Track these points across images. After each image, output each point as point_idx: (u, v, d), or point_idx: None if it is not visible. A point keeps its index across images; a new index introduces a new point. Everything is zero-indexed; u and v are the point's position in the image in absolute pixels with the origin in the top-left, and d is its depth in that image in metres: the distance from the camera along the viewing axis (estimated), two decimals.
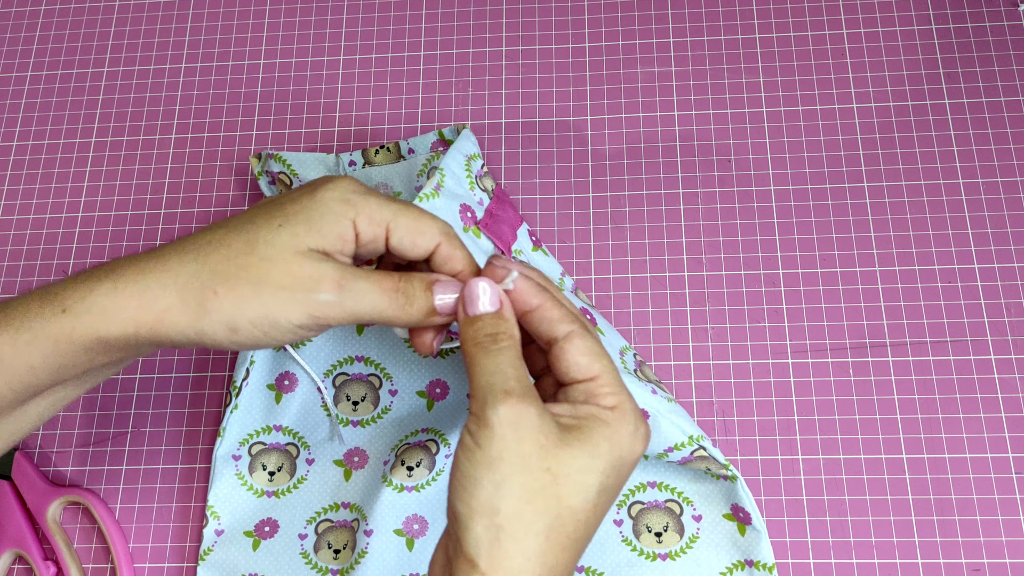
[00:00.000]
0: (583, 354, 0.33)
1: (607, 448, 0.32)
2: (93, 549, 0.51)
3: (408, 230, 0.36)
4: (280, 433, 0.51)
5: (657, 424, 0.45)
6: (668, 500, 0.48)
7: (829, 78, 0.56)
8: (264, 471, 0.50)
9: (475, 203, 0.48)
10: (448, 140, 0.54)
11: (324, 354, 0.52)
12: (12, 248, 0.58)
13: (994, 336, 0.50)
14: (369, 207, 0.35)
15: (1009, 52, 0.56)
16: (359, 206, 0.35)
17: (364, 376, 0.52)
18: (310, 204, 0.35)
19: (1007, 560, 0.46)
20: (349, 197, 0.35)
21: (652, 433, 0.44)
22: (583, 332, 0.34)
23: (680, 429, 0.45)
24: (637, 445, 0.33)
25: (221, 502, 0.50)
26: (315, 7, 0.62)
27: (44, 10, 0.64)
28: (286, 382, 0.52)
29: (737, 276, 0.53)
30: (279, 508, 0.50)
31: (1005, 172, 0.53)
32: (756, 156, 0.55)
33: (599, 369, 0.33)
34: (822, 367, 0.51)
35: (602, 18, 0.60)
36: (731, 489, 0.47)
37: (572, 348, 0.33)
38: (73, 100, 0.61)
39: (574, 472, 0.31)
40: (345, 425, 0.51)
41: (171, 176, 0.59)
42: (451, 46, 0.60)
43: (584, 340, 0.34)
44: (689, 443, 0.45)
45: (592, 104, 0.57)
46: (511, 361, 0.33)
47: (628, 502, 0.48)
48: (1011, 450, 0.48)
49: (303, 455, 0.51)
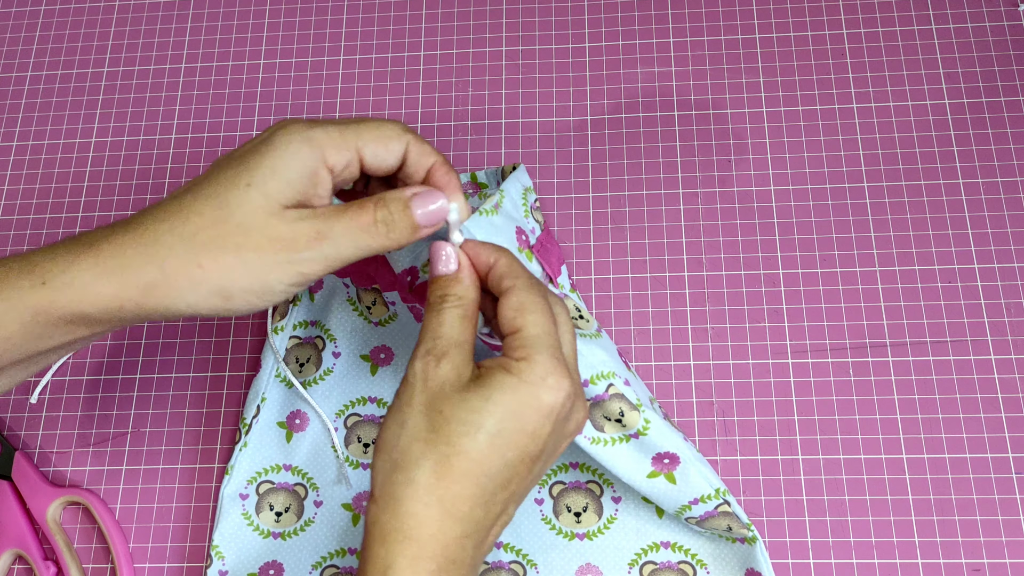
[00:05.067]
0: (511, 308, 0.35)
1: (502, 394, 0.33)
2: (93, 549, 0.51)
3: (378, 143, 0.36)
4: (289, 473, 0.50)
5: (686, 472, 0.44)
6: (681, 562, 0.47)
7: (829, 78, 0.56)
8: (271, 511, 0.49)
9: (528, 230, 0.48)
10: (481, 183, 0.53)
11: (336, 394, 0.51)
12: (12, 248, 0.58)
13: (994, 336, 0.50)
14: (331, 137, 0.35)
15: (1009, 52, 0.56)
16: (321, 140, 0.34)
17: (376, 418, 0.51)
18: (271, 152, 0.34)
19: (1007, 560, 0.46)
20: (309, 135, 0.34)
21: (681, 481, 0.44)
22: (520, 288, 0.35)
23: (708, 482, 0.44)
24: (545, 395, 0.33)
25: (226, 542, 0.49)
26: (315, 7, 0.62)
27: (44, 10, 0.64)
28: (297, 420, 0.51)
29: (737, 276, 0.53)
30: (285, 551, 0.49)
31: (1005, 172, 0.53)
32: (756, 156, 0.55)
33: (520, 323, 0.34)
34: (822, 367, 0.51)
35: (602, 18, 0.60)
36: (748, 553, 0.46)
37: (505, 303, 0.35)
38: (73, 100, 0.61)
39: (464, 413, 0.33)
40: (355, 467, 0.50)
41: (171, 176, 0.59)
42: (451, 46, 0.60)
43: (518, 295, 0.35)
44: (715, 496, 0.44)
45: (592, 104, 0.57)
46: (449, 321, 0.35)
47: (640, 562, 0.47)
48: (1011, 450, 0.48)
49: (311, 496, 0.50)
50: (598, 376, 0.43)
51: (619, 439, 0.44)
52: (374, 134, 0.35)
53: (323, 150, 0.34)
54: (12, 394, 0.54)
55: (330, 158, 0.34)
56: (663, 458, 0.44)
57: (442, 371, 0.34)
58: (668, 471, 0.44)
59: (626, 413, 0.43)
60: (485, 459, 0.33)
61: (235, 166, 0.34)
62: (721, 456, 0.49)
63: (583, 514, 0.48)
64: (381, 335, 0.52)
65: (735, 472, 0.49)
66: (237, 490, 0.49)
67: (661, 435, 0.44)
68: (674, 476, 0.44)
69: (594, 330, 0.46)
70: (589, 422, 0.44)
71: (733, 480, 0.49)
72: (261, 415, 0.50)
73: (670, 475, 0.44)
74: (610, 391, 0.43)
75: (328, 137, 0.34)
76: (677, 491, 0.44)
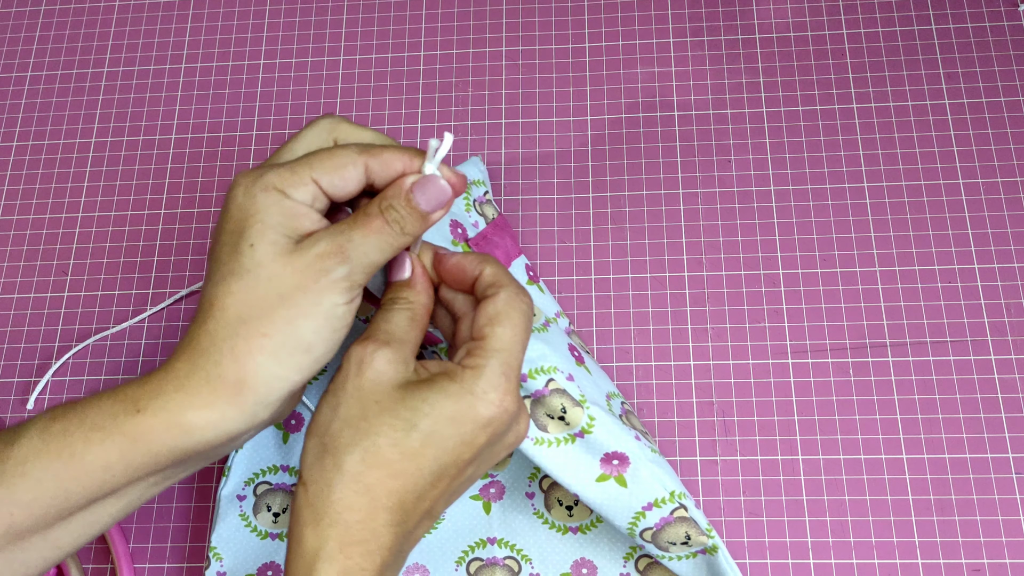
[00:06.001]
0: (485, 315, 0.35)
1: (442, 398, 0.33)
2: (93, 549, 0.51)
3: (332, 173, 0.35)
4: (286, 473, 0.50)
5: (637, 473, 0.42)
6: None
7: (829, 78, 0.56)
8: (269, 512, 0.49)
9: (469, 223, 0.48)
10: None
11: None
12: (12, 248, 0.58)
13: (994, 336, 0.50)
14: (283, 177, 0.34)
15: (1009, 52, 0.56)
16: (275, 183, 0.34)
17: None
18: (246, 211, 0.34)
19: (1007, 560, 0.46)
20: (264, 183, 0.34)
21: (632, 483, 0.42)
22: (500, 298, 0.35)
23: (661, 483, 0.42)
24: (483, 408, 0.33)
25: (224, 543, 0.49)
26: (315, 7, 0.62)
27: (44, 10, 0.64)
28: (293, 421, 0.51)
29: (737, 276, 0.53)
30: (283, 551, 0.49)
31: (1005, 172, 0.53)
32: (756, 156, 0.55)
33: (487, 333, 0.34)
34: (822, 367, 0.51)
35: (602, 18, 0.60)
36: (713, 564, 0.44)
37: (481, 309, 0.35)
38: (73, 100, 0.61)
39: (401, 409, 0.33)
40: None
41: (171, 176, 0.59)
42: (451, 46, 0.60)
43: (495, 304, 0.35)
44: (670, 499, 0.42)
45: (592, 104, 0.57)
46: (396, 319, 0.35)
47: (635, 556, 0.47)
48: (1011, 450, 0.48)
49: None
50: (537, 371, 0.41)
51: (564, 439, 0.42)
52: (326, 165, 0.35)
53: (282, 190, 0.34)
54: (12, 394, 0.54)
55: (292, 195, 0.34)
56: (612, 458, 0.42)
57: (380, 360, 0.34)
58: (618, 473, 0.42)
59: (568, 410, 0.41)
60: (415, 456, 0.33)
61: (228, 242, 0.34)
62: (721, 456, 0.49)
63: (574, 508, 0.48)
64: None
65: (735, 472, 0.49)
66: (234, 491, 0.49)
67: (608, 433, 0.42)
68: (624, 479, 0.42)
69: (540, 323, 0.44)
70: (532, 422, 0.42)
71: (733, 480, 0.49)
72: None
73: (620, 478, 0.42)
74: (550, 386, 0.41)
75: (279, 178, 0.34)
76: (629, 495, 0.42)
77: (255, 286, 0.33)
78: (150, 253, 0.57)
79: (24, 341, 0.55)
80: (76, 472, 0.33)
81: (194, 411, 0.33)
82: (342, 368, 0.34)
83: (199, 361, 0.33)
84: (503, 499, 0.49)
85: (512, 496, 0.49)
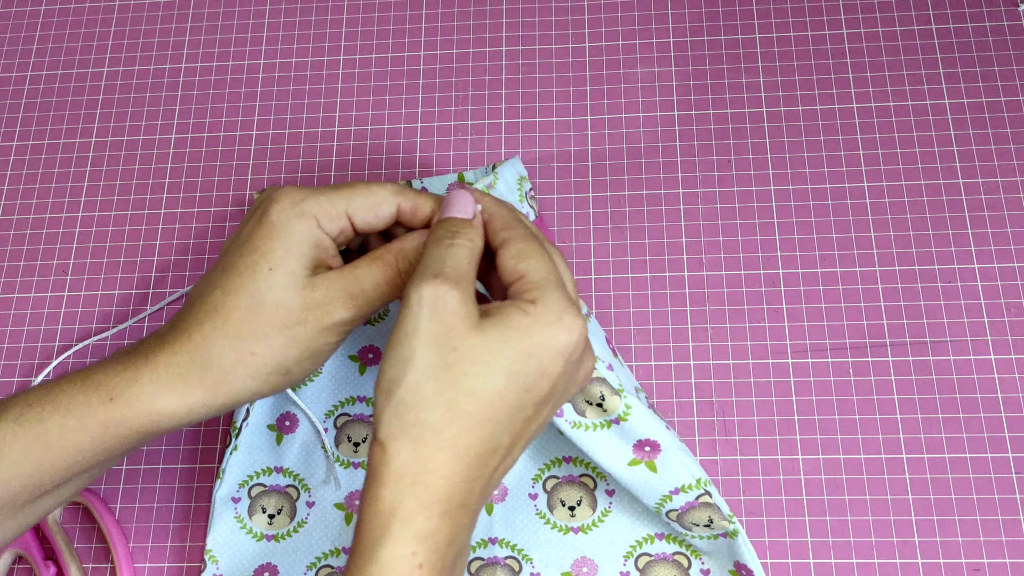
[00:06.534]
0: (512, 256, 0.34)
1: (518, 335, 0.32)
2: (93, 549, 0.51)
3: (367, 208, 0.37)
4: (281, 475, 0.50)
5: (667, 460, 0.44)
6: (676, 553, 0.47)
7: (829, 78, 0.56)
8: (264, 514, 0.49)
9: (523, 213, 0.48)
10: (469, 183, 0.53)
11: (326, 394, 0.51)
12: (12, 248, 0.58)
13: (994, 336, 0.50)
14: (322, 206, 0.36)
15: (1009, 52, 0.56)
16: (313, 210, 0.36)
17: (366, 417, 0.51)
18: (276, 233, 0.35)
19: (1007, 560, 0.46)
20: (302, 208, 0.36)
21: (662, 469, 0.44)
22: (518, 237, 0.35)
23: (689, 471, 0.44)
24: (561, 335, 0.33)
25: (220, 546, 0.49)
26: (315, 7, 0.62)
27: (44, 10, 0.64)
28: (287, 423, 0.51)
29: (737, 276, 0.53)
30: (279, 553, 0.49)
31: (1005, 172, 0.53)
32: (756, 156, 0.55)
33: (524, 268, 0.34)
34: (822, 367, 0.51)
35: (602, 18, 0.60)
36: (733, 546, 0.46)
37: (504, 253, 0.35)
38: (73, 100, 0.61)
39: (480, 352, 0.32)
40: (346, 467, 0.50)
41: (171, 176, 0.59)
42: (451, 46, 0.60)
43: (516, 244, 0.35)
44: (696, 486, 0.44)
45: (592, 104, 0.57)
46: (457, 254, 0.34)
47: (635, 554, 0.47)
48: (1011, 450, 0.48)
49: (303, 497, 0.50)
50: None
51: (600, 424, 0.44)
52: (362, 202, 0.36)
53: (317, 219, 0.36)
54: None
55: (325, 226, 0.36)
56: (644, 445, 0.44)
57: (452, 301, 0.32)
58: (649, 459, 0.44)
59: (607, 397, 0.43)
60: (498, 401, 0.32)
61: (248, 252, 0.36)
62: (721, 456, 0.49)
63: (577, 508, 0.48)
64: (369, 335, 0.52)
65: (735, 472, 0.49)
66: (229, 494, 0.49)
67: (642, 422, 0.44)
68: (655, 464, 0.44)
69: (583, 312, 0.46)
70: (571, 406, 0.44)
71: (733, 480, 0.49)
72: (251, 418, 0.50)
73: (651, 463, 0.44)
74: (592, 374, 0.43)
75: (319, 206, 0.36)
76: (658, 480, 0.44)
77: (261, 310, 0.35)
78: (150, 253, 0.57)
79: (23, 341, 0.55)
80: (51, 456, 0.35)
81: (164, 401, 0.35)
82: (410, 312, 0.32)
83: (182, 358, 0.35)
84: (505, 500, 0.49)
85: (515, 497, 0.49)
